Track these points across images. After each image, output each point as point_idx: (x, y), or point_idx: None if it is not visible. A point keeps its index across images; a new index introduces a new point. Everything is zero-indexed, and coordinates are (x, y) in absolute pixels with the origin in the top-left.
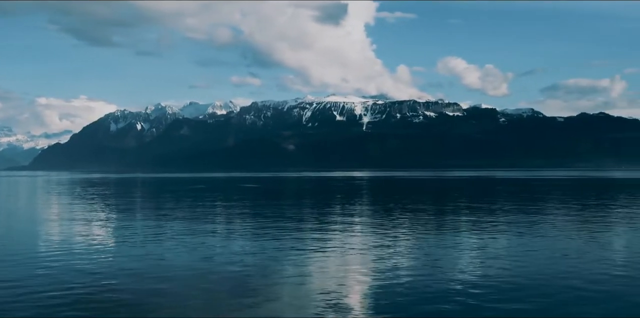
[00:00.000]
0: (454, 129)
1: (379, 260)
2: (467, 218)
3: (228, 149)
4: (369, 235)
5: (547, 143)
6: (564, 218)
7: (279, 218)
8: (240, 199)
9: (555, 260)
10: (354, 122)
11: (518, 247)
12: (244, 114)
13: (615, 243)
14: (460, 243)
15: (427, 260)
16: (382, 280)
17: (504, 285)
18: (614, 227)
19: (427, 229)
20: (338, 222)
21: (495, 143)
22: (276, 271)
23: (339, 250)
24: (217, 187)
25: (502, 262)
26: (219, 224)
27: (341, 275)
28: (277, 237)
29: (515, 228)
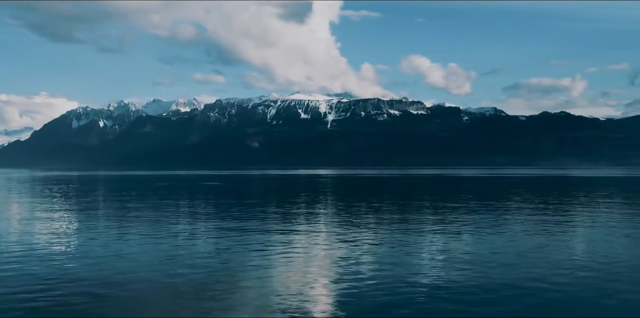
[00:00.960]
0: (418, 127)
1: (343, 260)
2: (431, 217)
3: (192, 147)
4: (334, 234)
5: (509, 141)
6: (527, 217)
7: (242, 217)
8: (202, 198)
9: (519, 259)
10: (318, 120)
11: (482, 245)
12: (208, 112)
13: (577, 242)
14: (424, 242)
15: (391, 259)
16: (347, 281)
17: (468, 285)
18: (576, 225)
19: (391, 228)
20: (302, 221)
21: (459, 141)
22: (240, 271)
23: (303, 250)
24: (179, 185)
25: (466, 262)
26: (180, 224)
27: (306, 275)
28: (240, 236)
29: (479, 226)
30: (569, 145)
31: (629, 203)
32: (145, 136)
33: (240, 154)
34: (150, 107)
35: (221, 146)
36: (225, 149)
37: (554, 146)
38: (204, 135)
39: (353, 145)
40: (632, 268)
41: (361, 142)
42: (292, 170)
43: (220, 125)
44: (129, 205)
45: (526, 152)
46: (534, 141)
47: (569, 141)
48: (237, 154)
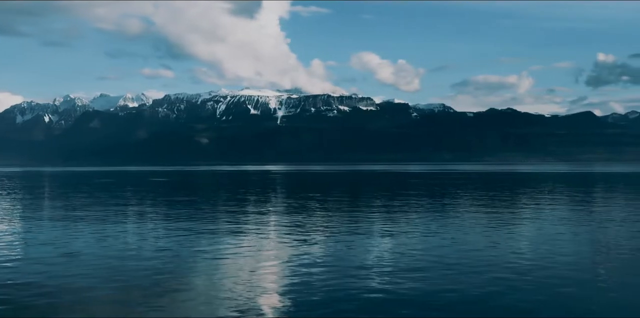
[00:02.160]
0: (368, 123)
1: (293, 258)
2: (380, 213)
3: (140, 142)
4: (283, 232)
5: (457, 137)
6: (473, 213)
7: (189, 215)
8: (149, 194)
9: (467, 253)
10: (268, 116)
11: (429, 242)
12: (156, 107)
13: (521, 238)
14: (373, 238)
15: (340, 257)
16: (296, 279)
17: (416, 283)
18: (521, 221)
19: (340, 225)
20: (251, 218)
21: (408, 137)
22: (187, 270)
23: (252, 248)
24: (126, 181)
25: (414, 259)
26: (125, 221)
27: (255, 273)
28: (188, 234)
29: (427, 222)
30: (515, 141)
31: (572, 199)
32: (92, 131)
33: (189, 150)
34: (97, 102)
35: (170, 142)
36: (174, 144)
37: (500, 142)
38: (152, 131)
39: (303, 141)
40: (574, 265)
41: (311, 138)
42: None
43: (168, 121)
44: (72, 202)
45: (473, 148)
46: (481, 137)
47: (515, 137)
48: (186, 149)
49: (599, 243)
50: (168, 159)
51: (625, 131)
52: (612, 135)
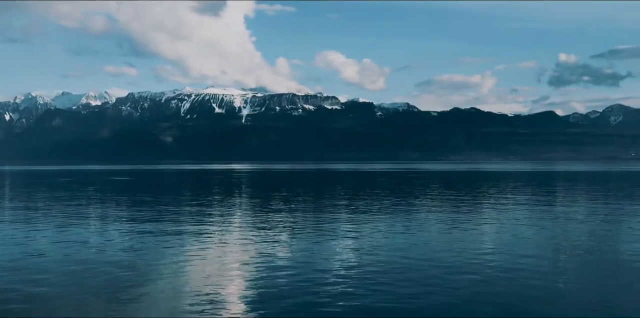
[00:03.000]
0: (333, 122)
1: (258, 255)
2: (345, 212)
3: (103, 141)
4: (248, 231)
5: (421, 136)
6: (439, 211)
7: (153, 214)
8: (111, 193)
9: (432, 253)
10: (233, 115)
11: (395, 239)
12: (120, 105)
13: (485, 235)
14: (338, 237)
15: (305, 256)
16: (261, 279)
17: (383, 280)
18: (484, 219)
19: (305, 224)
20: (216, 217)
21: (373, 136)
22: (151, 269)
23: (217, 247)
24: (87, 180)
25: (381, 255)
26: (85, 220)
27: (219, 273)
28: (151, 234)
29: (391, 221)
30: (479, 141)
31: (534, 197)
32: (54, 130)
33: (153, 149)
34: (59, 100)
35: (133, 140)
36: (138, 143)
37: (464, 141)
38: (116, 130)
39: (268, 139)
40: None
41: (276, 137)
42: (206, 165)
43: (132, 119)
44: (31, 202)
45: (437, 147)
46: (445, 136)
47: (478, 136)
48: (149, 148)
49: (561, 242)
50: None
51: (586, 131)
52: (574, 134)
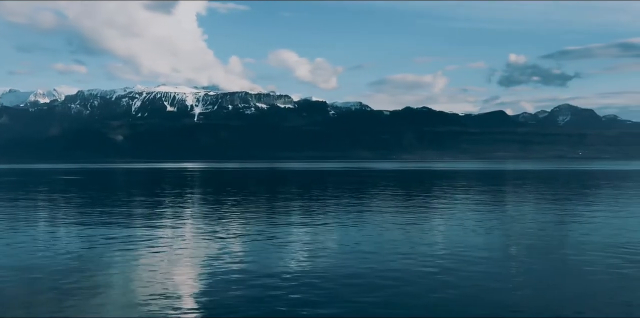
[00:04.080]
0: (286, 121)
1: (209, 256)
2: (297, 211)
3: (52, 139)
4: (200, 230)
5: (374, 135)
6: (391, 209)
7: (102, 214)
8: (59, 193)
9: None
10: (185, 113)
11: (346, 237)
12: (69, 103)
13: (435, 234)
14: (290, 236)
15: (257, 255)
16: (213, 277)
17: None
18: (435, 217)
19: (258, 223)
20: (167, 216)
21: (325, 135)
22: (102, 270)
23: (168, 247)
24: (34, 180)
25: (329, 256)
26: (32, 221)
27: (171, 272)
28: (102, 234)
29: (343, 219)
30: (431, 140)
31: (484, 195)
32: (1, 128)
33: (103, 147)
34: (6, 97)
35: (83, 139)
36: (88, 141)
37: (416, 140)
38: (65, 128)
39: (220, 138)
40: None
41: (228, 136)
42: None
43: (82, 117)
44: None
45: (390, 145)
46: (397, 135)
47: (430, 135)
48: (100, 147)
49: (510, 238)
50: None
51: (535, 130)
52: (523, 133)
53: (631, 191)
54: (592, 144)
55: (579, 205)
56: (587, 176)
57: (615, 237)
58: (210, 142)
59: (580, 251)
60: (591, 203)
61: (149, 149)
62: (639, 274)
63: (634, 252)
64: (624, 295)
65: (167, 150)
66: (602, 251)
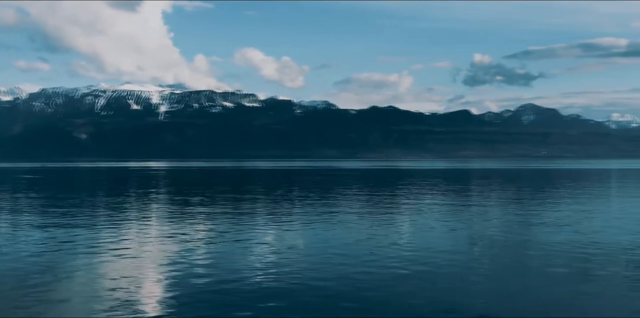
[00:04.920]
0: (252, 119)
1: (174, 257)
2: (263, 210)
3: (14, 138)
4: (165, 230)
5: (340, 134)
6: (357, 208)
7: (66, 214)
8: (20, 192)
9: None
10: (150, 112)
11: (312, 236)
12: (31, 101)
13: (400, 233)
14: (257, 236)
15: (223, 256)
16: (177, 278)
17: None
18: (401, 216)
19: (223, 223)
20: (132, 216)
21: (292, 134)
22: (65, 271)
23: (133, 248)
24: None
25: (297, 257)
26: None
27: (135, 274)
28: (64, 234)
29: (310, 219)
30: (396, 139)
31: (449, 194)
32: None
33: (67, 146)
34: None
35: (46, 137)
36: (51, 140)
37: (382, 139)
38: (28, 126)
39: (186, 137)
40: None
41: (194, 134)
42: (122, 163)
43: (45, 116)
44: None
45: (356, 144)
46: (363, 134)
47: (396, 134)
48: (63, 145)
49: (474, 237)
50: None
51: (500, 129)
52: (488, 133)
53: (593, 190)
54: (556, 143)
55: (542, 204)
56: (550, 175)
57: (578, 236)
58: (175, 141)
59: (543, 251)
60: (554, 203)
61: (114, 147)
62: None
63: (599, 253)
64: (585, 296)
65: (132, 148)
66: (565, 251)
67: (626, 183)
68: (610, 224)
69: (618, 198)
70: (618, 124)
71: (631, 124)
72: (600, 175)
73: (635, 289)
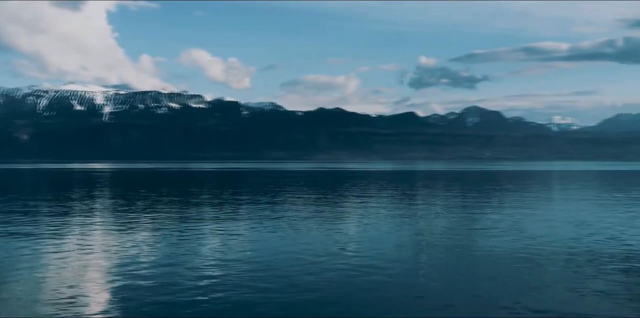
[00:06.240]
0: (198, 121)
1: (118, 257)
2: (210, 212)
3: None
4: (110, 233)
5: (287, 136)
6: (303, 209)
7: (4, 216)
8: None
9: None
10: (94, 112)
11: (258, 238)
12: None
13: (347, 235)
14: (204, 238)
15: (169, 258)
16: (122, 280)
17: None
18: (348, 218)
19: (170, 225)
20: (75, 219)
21: (238, 135)
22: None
23: (76, 250)
24: None
25: (244, 258)
26: None
27: (80, 276)
28: (4, 237)
29: (257, 221)
30: (344, 140)
31: (395, 195)
32: None
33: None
34: None
35: None
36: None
37: (329, 141)
38: None
39: (131, 138)
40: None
41: (140, 136)
42: (65, 164)
43: None
44: None
45: (303, 146)
46: (311, 136)
47: (343, 136)
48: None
49: (418, 239)
50: None
51: (445, 131)
52: (433, 134)
53: (535, 192)
54: (499, 145)
55: (485, 205)
56: (494, 176)
57: (519, 236)
58: (120, 142)
59: (486, 251)
60: (497, 203)
61: (56, 148)
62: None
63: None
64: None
65: (75, 150)
66: (507, 254)
67: (568, 185)
68: (551, 225)
69: (559, 201)
70: (559, 126)
71: (572, 126)
72: (542, 177)
73: (574, 290)
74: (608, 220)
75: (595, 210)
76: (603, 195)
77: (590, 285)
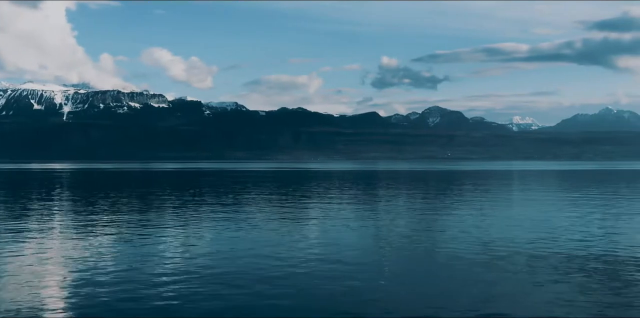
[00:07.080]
0: (160, 120)
1: (76, 261)
2: (171, 212)
3: None
4: (69, 234)
5: (249, 136)
6: (265, 210)
7: None
8: None
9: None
10: (53, 112)
11: (220, 238)
12: None
13: (310, 235)
14: (164, 238)
15: (129, 258)
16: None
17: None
18: (309, 218)
19: (130, 225)
20: (33, 220)
21: (200, 135)
22: None
23: (35, 251)
24: None
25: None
26: None
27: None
28: None
29: (217, 221)
30: (306, 140)
31: (357, 195)
32: None
33: None
34: None
35: None
36: None
37: (291, 140)
38: None
39: (91, 138)
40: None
41: (100, 135)
42: (23, 165)
43: None
44: None
45: (265, 146)
46: (273, 135)
47: (305, 136)
48: None
49: (380, 238)
50: None
51: (407, 131)
52: (395, 134)
53: (495, 192)
54: (461, 145)
55: (445, 206)
56: (455, 176)
57: (482, 235)
58: (80, 142)
59: (447, 249)
60: (457, 204)
61: (14, 148)
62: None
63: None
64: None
65: (34, 150)
66: (467, 252)
67: (527, 185)
68: (510, 224)
69: (518, 201)
70: (519, 126)
71: (531, 126)
72: (502, 177)
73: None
74: (567, 220)
75: (553, 210)
76: (561, 195)
77: (548, 286)
